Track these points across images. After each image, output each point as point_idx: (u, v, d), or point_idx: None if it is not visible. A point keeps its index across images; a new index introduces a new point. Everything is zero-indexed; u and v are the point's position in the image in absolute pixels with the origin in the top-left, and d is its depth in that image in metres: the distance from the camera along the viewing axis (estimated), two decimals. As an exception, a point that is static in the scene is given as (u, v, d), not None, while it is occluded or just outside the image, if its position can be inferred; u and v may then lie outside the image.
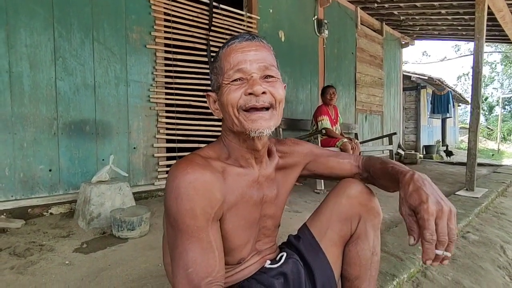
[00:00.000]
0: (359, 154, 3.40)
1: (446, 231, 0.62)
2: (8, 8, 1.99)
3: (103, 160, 2.39)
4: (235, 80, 0.67)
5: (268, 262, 0.83)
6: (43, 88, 2.13)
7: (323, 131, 3.33)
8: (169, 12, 2.75)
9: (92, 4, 2.33)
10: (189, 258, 0.61)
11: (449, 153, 7.57)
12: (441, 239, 0.62)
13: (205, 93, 0.77)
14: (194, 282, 0.60)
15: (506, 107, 24.87)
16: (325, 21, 4.39)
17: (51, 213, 2.14)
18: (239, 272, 0.79)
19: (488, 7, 3.20)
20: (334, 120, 3.74)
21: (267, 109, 0.68)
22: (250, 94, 0.65)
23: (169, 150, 2.81)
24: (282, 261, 0.83)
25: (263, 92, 0.66)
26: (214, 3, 3.07)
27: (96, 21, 2.35)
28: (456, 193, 2.97)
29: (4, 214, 1.96)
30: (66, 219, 2.09)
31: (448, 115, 9.66)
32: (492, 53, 22.86)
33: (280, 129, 3.76)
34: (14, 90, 2.02)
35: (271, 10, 3.71)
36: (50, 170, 2.17)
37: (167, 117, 2.75)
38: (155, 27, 2.67)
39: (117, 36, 2.46)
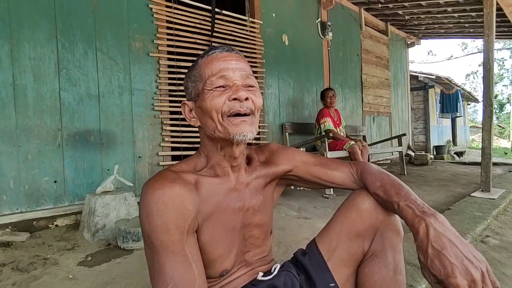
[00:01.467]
0: (368, 156, 3.32)
1: None
2: (11, 21, 2.00)
3: (108, 170, 2.37)
4: (218, 86, 0.67)
5: (261, 274, 0.79)
6: (47, 100, 2.13)
7: (330, 134, 3.27)
8: (171, 19, 2.75)
9: (94, 15, 2.34)
10: (167, 274, 0.60)
11: (459, 154, 7.34)
12: None
13: (181, 103, 0.76)
14: None
15: (518, 104, 24.34)
16: (329, 23, 4.35)
17: (56, 225, 2.12)
18: (226, 285, 0.75)
19: (497, 3, 3.12)
20: (338, 122, 3.68)
21: (249, 115, 0.69)
22: (234, 99, 0.66)
23: (174, 158, 2.78)
24: (275, 273, 0.78)
25: (246, 98, 0.67)
26: (216, 9, 3.06)
27: (99, 31, 2.35)
28: (471, 194, 2.86)
29: (9, 227, 1.94)
30: (71, 230, 2.07)
31: (457, 114, 9.47)
32: (501, 49, 22.47)
33: (287, 133, 3.71)
34: (18, 102, 2.02)
35: (273, 15, 3.69)
36: (55, 182, 2.16)
37: (171, 125, 2.73)
38: (157, 35, 2.66)
39: (120, 46, 2.46)
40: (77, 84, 2.26)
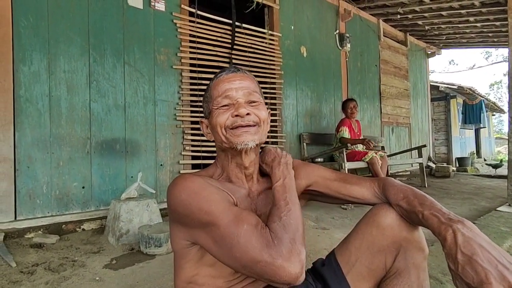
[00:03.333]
0: (387, 168, 3.27)
1: None
2: (50, 38, 2.16)
3: (131, 177, 2.47)
4: (223, 105, 0.76)
5: None
6: (79, 110, 2.27)
7: (348, 145, 3.26)
8: (194, 33, 2.87)
9: (124, 30, 2.48)
10: (244, 219, 0.64)
11: (495, 166, 6.62)
12: None
13: (199, 121, 0.86)
14: (256, 229, 0.62)
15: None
16: (347, 35, 4.38)
17: (83, 229, 2.23)
18: (241, 286, 0.77)
19: (521, 12, 3.05)
20: (358, 134, 3.66)
21: (253, 126, 0.76)
22: (236, 116, 0.74)
23: (194, 166, 2.86)
24: None
25: (248, 114, 0.74)
26: (237, 23, 3.16)
27: (127, 46, 2.50)
28: (497, 209, 2.75)
29: (41, 229, 2.06)
30: (97, 235, 2.16)
31: (481, 125, 9.13)
32: (528, 59, 21.57)
33: (304, 144, 3.73)
34: (53, 112, 2.17)
35: (292, 27, 3.77)
36: (83, 187, 2.27)
37: (192, 135, 2.82)
38: (181, 48, 2.78)
39: (146, 59, 2.59)
40: (106, 95, 2.39)
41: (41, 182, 2.11)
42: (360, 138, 3.49)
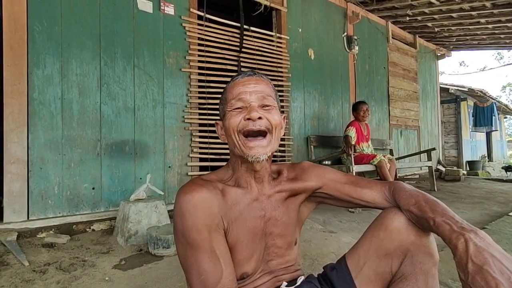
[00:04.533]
0: (395, 171, 3.24)
1: None
2: (63, 42, 2.22)
3: (140, 178, 2.50)
4: (237, 108, 0.77)
5: (285, 283, 0.82)
6: (90, 112, 2.32)
7: (356, 149, 3.24)
8: (202, 36, 2.90)
9: (134, 34, 2.53)
10: (200, 267, 0.68)
11: (507, 168, 6.57)
12: None
13: (214, 122, 0.88)
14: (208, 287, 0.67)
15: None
16: (355, 37, 4.36)
17: (93, 229, 2.26)
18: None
19: (534, 14, 3.00)
20: (367, 137, 3.64)
21: (264, 135, 0.76)
22: (248, 119, 0.75)
23: (202, 168, 2.88)
24: (297, 284, 0.81)
25: (259, 118, 0.75)
26: (245, 26, 3.19)
27: (137, 49, 2.54)
28: (510, 214, 2.70)
29: (53, 229, 2.10)
30: (106, 235, 2.19)
31: (492, 128, 8.96)
32: (541, 60, 21.11)
33: (312, 146, 3.72)
34: (65, 115, 2.22)
35: (300, 30, 3.77)
36: (93, 188, 2.31)
37: (200, 137, 2.84)
38: (189, 51, 2.82)
39: (155, 62, 2.63)
40: (116, 98, 2.43)
41: (52, 183, 2.16)
42: (353, 145, 3.28)
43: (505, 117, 14.93)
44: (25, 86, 2.07)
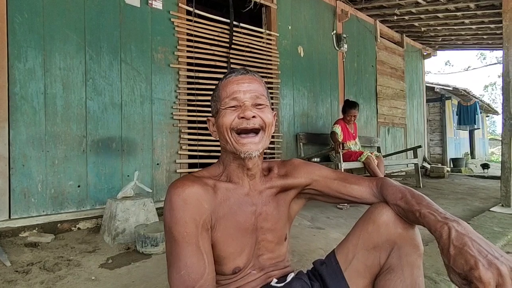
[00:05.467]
0: (383, 168, 3.30)
1: None
2: (45, 34, 2.14)
3: (128, 176, 2.45)
4: (230, 106, 0.77)
5: (275, 280, 0.83)
6: (74, 108, 2.25)
7: (344, 146, 3.27)
8: (191, 32, 2.86)
9: (121, 28, 2.47)
10: (181, 261, 0.68)
11: (484, 166, 7.02)
12: None
13: (206, 119, 0.88)
14: (187, 283, 0.67)
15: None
16: (344, 35, 4.39)
17: (78, 228, 2.21)
18: (240, 286, 0.81)
19: (516, 15, 3.08)
20: (353, 135, 3.68)
21: (256, 132, 0.77)
22: (242, 118, 0.76)
23: (191, 166, 2.85)
24: (287, 280, 0.82)
25: (253, 116, 0.76)
26: (235, 22, 3.16)
27: (124, 44, 2.48)
28: (491, 209, 2.79)
29: (36, 228, 2.04)
30: (92, 234, 2.14)
31: (475, 126, 9.23)
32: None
33: (301, 144, 3.74)
34: (48, 110, 2.15)
35: (289, 27, 3.77)
36: (78, 186, 2.26)
37: (189, 134, 2.81)
38: (178, 47, 2.77)
39: (143, 57, 2.58)
40: (102, 94, 2.37)
41: (36, 180, 2.09)
42: (341, 142, 3.31)
43: (487, 116, 15.42)
44: (5, 80, 1.99)
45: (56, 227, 2.12)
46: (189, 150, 2.81)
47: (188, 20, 2.84)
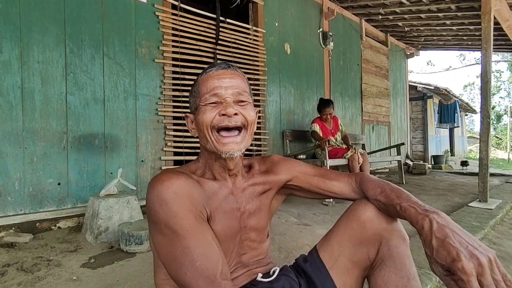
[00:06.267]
0: (368, 165, 3.35)
1: (495, 286, 0.54)
2: (22, 26, 2.05)
3: (111, 173, 2.39)
4: (211, 103, 0.73)
5: (260, 275, 0.82)
6: (54, 103, 2.17)
7: (329, 143, 3.30)
8: (177, 27, 2.81)
9: (103, 21, 2.39)
10: (194, 253, 0.62)
11: (463, 163, 7.30)
12: None
13: (184, 115, 0.83)
14: (208, 273, 0.61)
15: (515, 116, 24.48)
16: (330, 33, 4.43)
17: (59, 227, 2.14)
18: None
19: (494, 18, 3.20)
20: (332, 131, 3.70)
21: (239, 130, 0.74)
22: (223, 115, 0.72)
23: (176, 162, 2.81)
24: (274, 276, 0.82)
25: (235, 114, 0.72)
26: (221, 18, 3.12)
27: (107, 37, 2.40)
28: (469, 204, 2.90)
29: (13, 228, 1.96)
30: (74, 233, 2.08)
31: (455, 124, 9.56)
32: (499, 61, 22.76)
33: (287, 141, 3.75)
34: (26, 105, 2.06)
35: (276, 24, 3.76)
36: (59, 184, 2.18)
37: (174, 130, 2.77)
38: (163, 41, 2.71)
39: (126, 51, 2.51)
40: (84, 88, 2.30)
41: (13, 178, 2.00)
42: (326, 140, 3.37)
43: (466, 115, 15.99)
44: (-21, 73, 1.89)
45: (35, 226, 2.04)
46: (175, 147, 2.77)
47: (173, 14, 2.79)
